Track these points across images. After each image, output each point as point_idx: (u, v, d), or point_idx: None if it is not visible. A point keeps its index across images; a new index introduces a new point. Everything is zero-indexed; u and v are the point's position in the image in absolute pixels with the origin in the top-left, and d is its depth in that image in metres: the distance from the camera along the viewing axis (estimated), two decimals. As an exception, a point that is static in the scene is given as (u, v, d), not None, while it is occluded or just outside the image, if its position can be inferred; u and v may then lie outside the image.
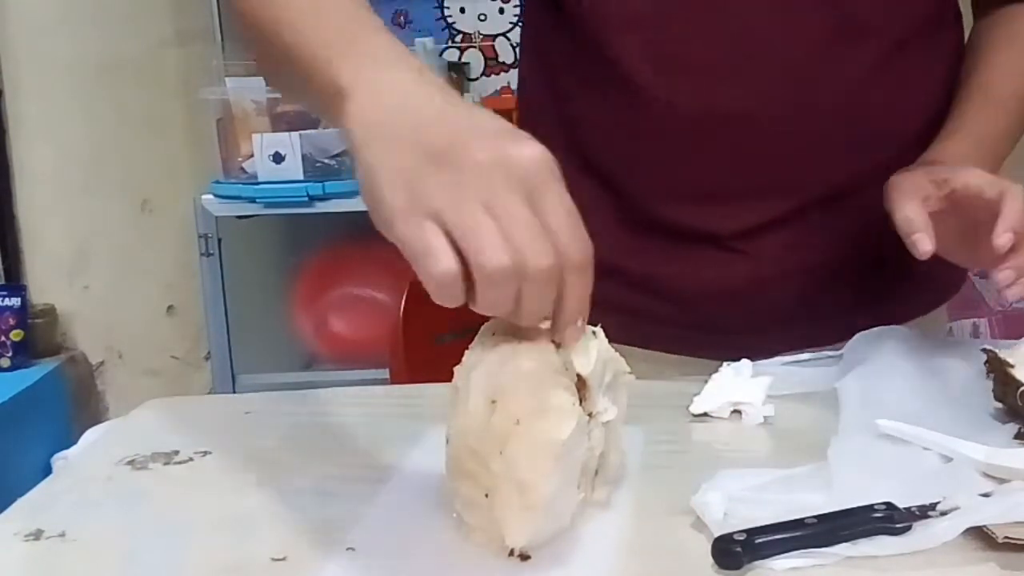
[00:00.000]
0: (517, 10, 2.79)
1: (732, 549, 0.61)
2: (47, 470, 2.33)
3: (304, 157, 2.32)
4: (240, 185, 2.36)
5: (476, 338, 0.65)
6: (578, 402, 0.62)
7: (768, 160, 0.94)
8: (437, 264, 0.56)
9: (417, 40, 2.64)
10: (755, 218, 0.96)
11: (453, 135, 0.60)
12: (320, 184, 2.32)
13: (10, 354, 2.58)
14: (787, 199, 0.96)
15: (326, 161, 2.35)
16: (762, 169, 0.94)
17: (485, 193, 0.58)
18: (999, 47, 0.99)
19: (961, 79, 0.99)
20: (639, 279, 1.00)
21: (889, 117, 0.96)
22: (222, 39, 2.54)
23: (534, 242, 0.57)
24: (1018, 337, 0.82)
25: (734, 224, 0.96)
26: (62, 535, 0.69)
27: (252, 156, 2.34)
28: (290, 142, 2.31)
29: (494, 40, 2.86)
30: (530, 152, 0.60)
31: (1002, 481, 0.68)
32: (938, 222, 0.83)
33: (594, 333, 0.67)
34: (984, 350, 0.81)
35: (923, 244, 0.81)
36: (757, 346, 0.92)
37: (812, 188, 0.96)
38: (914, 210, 0.83)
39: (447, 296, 0.58)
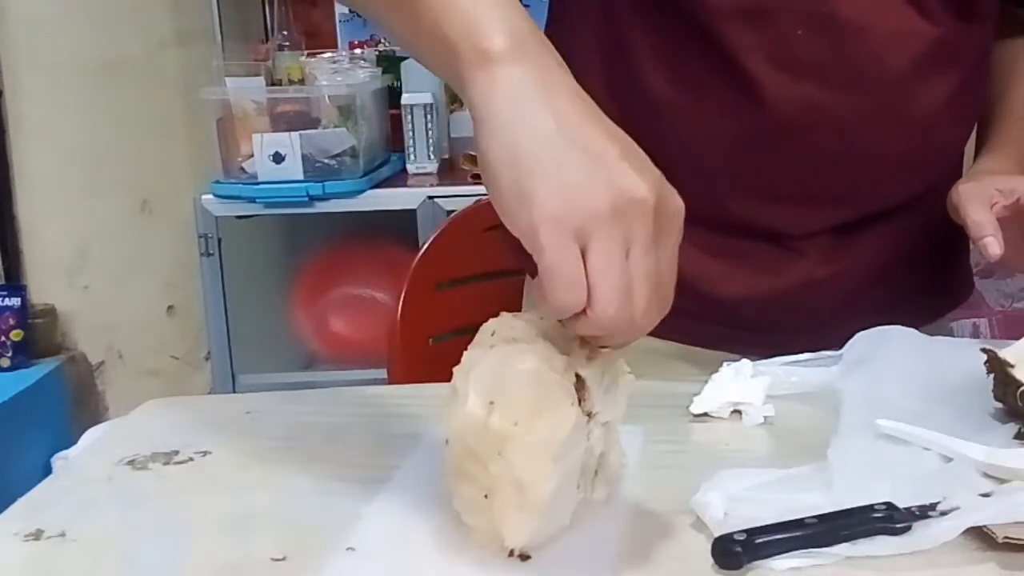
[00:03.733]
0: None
1: (732, 549, 0.61)
2: (47, 470, 2.34)
3: (304, 157, 2.32)
4: (240, 185, 2.36)
5: (475, 339, 0.66)
6: (577, 402, 0.62)
7: (849, 166, 0.96)
8: (570, 294, 0.58)
9: (417, 40, 2.64)
10: (823, 221, 0.98)
11: (615, 159, 0.59)
12: (320, 184, 2.32)
13: (10, 354, 2.58)
14: (856, 206, 0.98)
15: (326, 161, 2.35)
16: (842, 175, 0.96)
17: (634, 232, 0.58)
18: None
19: (993, 98, 1.04)
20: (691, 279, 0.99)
21: (954, 140, 1.02)
22: (222, 39, 2.54)
23: (651, 306, 0.60)
24: (1018, 337, 0.82)
25: (802, 226, 0.98)
26: (62, 535, 0.69)
27: (252, 156, 2.34)
28: (290, 142, 2.31)
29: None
30: (679, 204, 0.61)
31: (1002, 481, 0.68)
32: (1003, 228, 0.89)
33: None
34: (984, 350, 0.81)
35: (992, 247, 0.88)
36: (783, 345, 0.93)
37: (880, 198, 0.99)
38: (984, 215, 0.90)
39: (555, 316, 0.60)
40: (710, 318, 1.00)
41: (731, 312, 1.00)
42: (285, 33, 2.60)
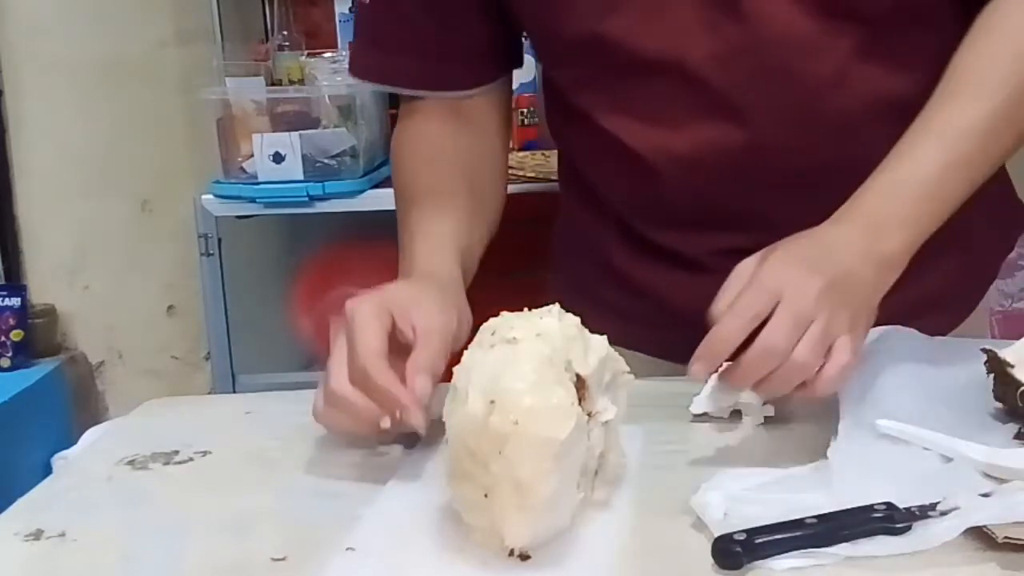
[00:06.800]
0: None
1: (732, 549, 0.61)
2: (47, 470, 2.33)
3: (304, 157, 2.32)
4: (240, 185, 2.35)
5: (475, 338, 0.66)
6: (577, 402, 0.62)
7: (750, 190, 0.96)
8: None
9: (417, 40, 2.64)
10: (728, 243, 0.94)
11: None
12: (320, 184, 2.32)
13: (10, 354, 2.58)
14: (763, 228, 0.87)
15: (326, 161, 2.35)
16: (738, 197, 0.96)
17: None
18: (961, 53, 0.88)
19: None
20: (639, 289, 1.04)
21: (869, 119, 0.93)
22: (222, 39, 2.54)
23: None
24: (1018, 337, 0.82)
25: (710, 248, 0.99)
26: (62, 535, 0.69)
27: (252, 156, 2.34)
28: (290, 142, 2.31)
29: (494, 40, 2.84)
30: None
31: (1002, 481, 0.68)
32: None
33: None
34: (984, 350, 0.81)
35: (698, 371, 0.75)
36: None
37: (784, 218, 0.86)
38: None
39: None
40: (675, 331, 0.96)
41: (683, 327, 0.97)
42: (285, 33, 2.60)
